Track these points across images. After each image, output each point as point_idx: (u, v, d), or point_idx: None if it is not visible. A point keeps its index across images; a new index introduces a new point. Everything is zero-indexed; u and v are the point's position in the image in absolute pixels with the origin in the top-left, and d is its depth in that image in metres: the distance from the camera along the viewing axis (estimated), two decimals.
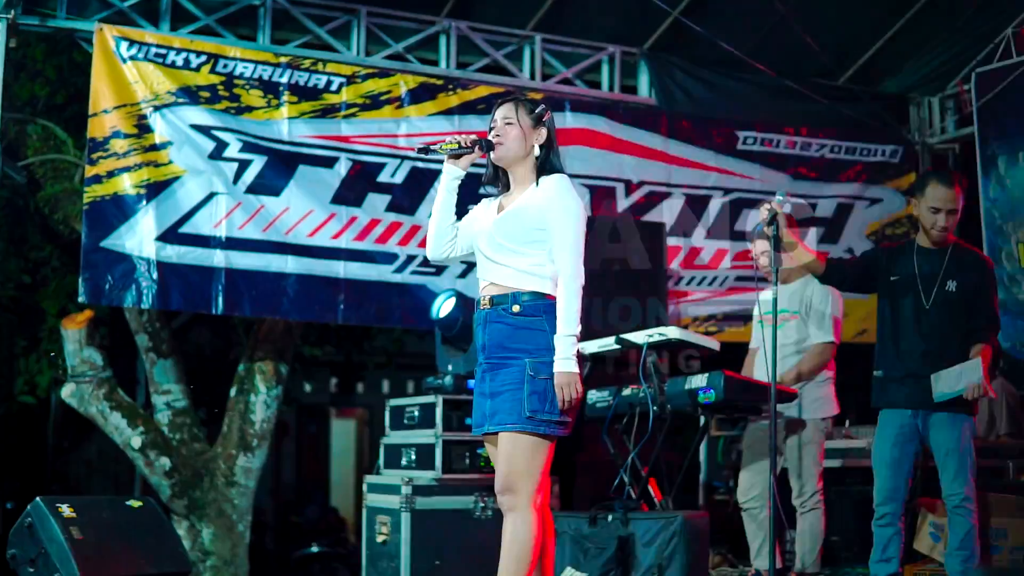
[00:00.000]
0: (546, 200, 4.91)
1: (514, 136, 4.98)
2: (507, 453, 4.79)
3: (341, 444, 20.31)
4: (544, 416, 4.76)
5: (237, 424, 9.47)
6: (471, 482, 7.58)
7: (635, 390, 7.01)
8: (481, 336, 4.93)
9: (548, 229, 4.87)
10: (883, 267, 6.27)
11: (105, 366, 9.17)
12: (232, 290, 8.34)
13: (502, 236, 4.91)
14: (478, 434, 4.98)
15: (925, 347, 6.07)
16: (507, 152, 4.99)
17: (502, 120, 5.01)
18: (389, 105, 8.93)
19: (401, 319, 9.03)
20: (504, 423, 4.78)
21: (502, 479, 4.82)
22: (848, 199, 10.45)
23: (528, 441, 4.77)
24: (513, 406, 4.76)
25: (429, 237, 5.11)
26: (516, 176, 5.05)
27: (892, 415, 6.16)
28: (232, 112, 8.47)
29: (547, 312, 4.83)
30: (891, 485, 6.08)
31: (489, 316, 4.90)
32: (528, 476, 4.78)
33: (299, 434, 19.57)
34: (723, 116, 10.09)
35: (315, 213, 8.63)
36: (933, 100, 10.82)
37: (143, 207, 8.17)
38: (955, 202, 6.06)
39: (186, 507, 9.27)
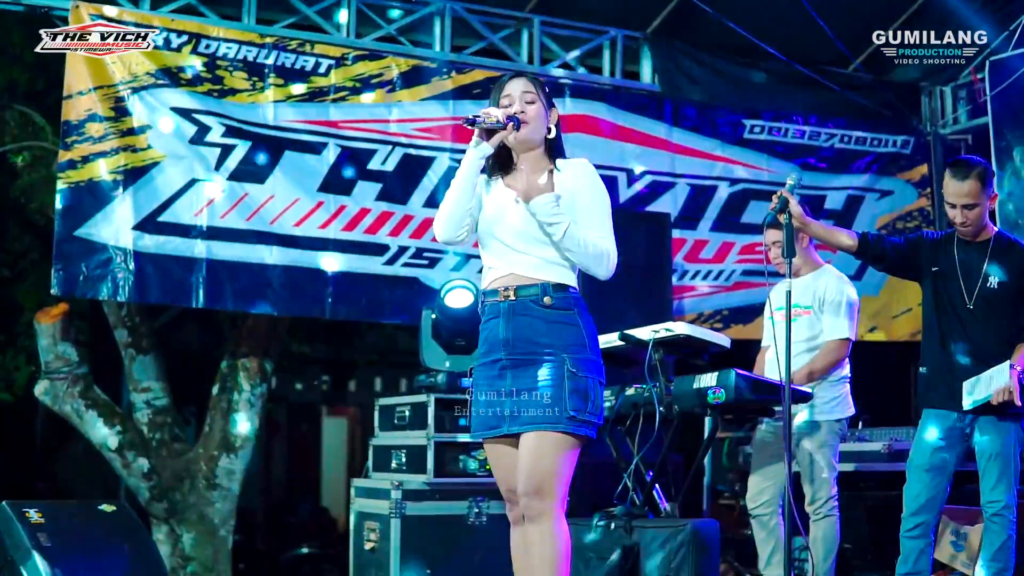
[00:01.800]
0: (578, 186, 4.61)
1: (538, 114, 4.66)
2: (539, 453, 4.44)
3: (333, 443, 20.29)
4: (585, 416, 4.48)
5: (219, 424, 9.19)
6: (465, 487, 7.27)
7: (639, 389, 6.69)
8: (502, 330, 4.57)
9: (580, 216, 4.57)
10: (926, 255, 5.97)
11: (81, 362, 8.86)
12: (213, 282, 8.06)
13: (530, 224, 4.56)
14: (490, 436, 4.64)
15: (970, 346, 5.79)
16: (533, 132, 4.65)
17: (521, 96, 4.65)
18: (380, 89, 8.65)
19: (392, 313, 8.71)
20: (540, 422, 4.45)
21: (533, 481, 4.44)
22: (858, 191, 10.22)
23: (566, 442, 4.47)
24: (553, 405, 4.45)
25: (446, 217, 4.65)
26: (528, 158, 4.70)
27: (937, 416, 5.84)
28: (215, 95, 8.16)
29: (578, 306, 4.59)
30: (930, 494, 5.77)
31: (515, 308, 4.56)
32: (561, 479, 4.47)
33: (290, 433, 19.54)
34: (729, 104, 9.85)
35: (302, 201, 8.35)
36: (945, 89, 10.56)
37: (120, 194, 7.86)
38: (972, 195, 5.75)
39: (166, 511, 8.98)
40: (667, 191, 9.49)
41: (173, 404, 9.34)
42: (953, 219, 5.82)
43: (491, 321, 4.61)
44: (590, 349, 4.55)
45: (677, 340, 6.58)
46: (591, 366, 4.53)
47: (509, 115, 4.58)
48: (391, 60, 8.72)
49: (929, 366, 5.91)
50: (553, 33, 9.39)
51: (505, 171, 4.73)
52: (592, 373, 4.53)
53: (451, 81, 8.85)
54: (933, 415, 5.85)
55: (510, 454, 4.57)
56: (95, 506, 6.76)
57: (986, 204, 5.80)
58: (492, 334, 4.60)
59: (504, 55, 9.23)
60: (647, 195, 9.40)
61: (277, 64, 8.34)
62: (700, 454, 6.97)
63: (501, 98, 4.66)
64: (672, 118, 9.60)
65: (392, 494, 7.11)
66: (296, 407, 19.08)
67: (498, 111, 4.59)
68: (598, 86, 9.47)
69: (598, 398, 4.54)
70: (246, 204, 8.18)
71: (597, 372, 4.56)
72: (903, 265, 6.07)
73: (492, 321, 4.60)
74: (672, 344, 6.62)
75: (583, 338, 4.53)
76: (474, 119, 4.53)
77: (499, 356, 4.57)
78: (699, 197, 9.63)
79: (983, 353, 5.73)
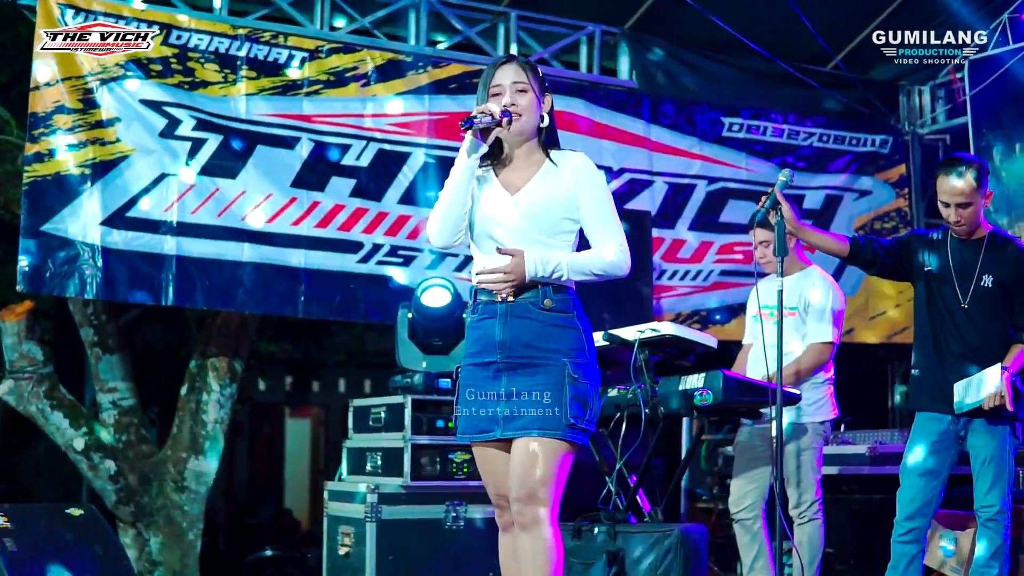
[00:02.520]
0: (578, 182, 4.42)
1: (530, 104, 4.43)
2: (534, 458, 4.28)
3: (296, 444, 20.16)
4: (584, 424, 4.34)
5: (188, 425, 8.98)
6: (442, 490, 7.13)
7: (623, 391, 6.54)
8: (498, 331, 4.39)
9: (583, 214, 4.42)
10: (918, 255, 5.83)
11: (46, 361, 8.62)
12: (184, 280, 7.89)
13: (530, 224, 4.39)
14: (479, 440, 4.46)
15: (964, 348, 5.66)
16: (526, 124, 4.45)
17: (512, 86, 4.43)
18: (355, 83, 8.50)
19: (366, 312, 8.55)
20: (538, 428, 4.29)
21: (527, 487, 4.27)
22: (837, 191, 10.17)
23: (561, 448, 4.31)
24: (551, 409, 4.30)
25: (440, 222, 4.46)
26: (521, 151, 4.51)
27: (930, 420, 5.72)
28: (185, 87, 7.99)
29: (578, 309, 4.44)
30: (924, 498, 5.64)
31: (513, 310, 4.38)
32: (554, 486, 4.30)
33: (252, 433, 19.42)
34: (708, 101, 9.75)
35: (274, 197, 8.19)
36: (924, 88, 10.51)
37: (88, 188, 7.68)
38: (966, 194, 5.61)
39: (132, 514, 8.76)
40: (645, 189, 9.39)
41: (140, 405, 9.15)
42: (947, 218, 5.69)
43: (485, 321, 4.43)
44: (588, 353, 4.41)
45: (663, 340, 6.45)
46: (590, 372, 4.39)
47: (504, 109, 4.37)
48: (366, 53, 8.57)
49: (921, 368, 5.79)
50: (530, 28, 9.26)
51: (497, 161, 4.55)
52: (591, 379, 4.39)
53: (427, 75, 8.72)
54: (926, 418, 5.73)
55: (501, 458, 4.41)
56: (62, 509, 6.59)
57: (981, 203, 5.67)
58: (486, 335, 4.42)
59: (480, 49, 9.10)
60: (625, 193, 9.25)
61: (250, 56, 8.18)
62: (685, 457, 6.86)
63: (491, 87, 4.46)
64: (650, 115, 9.50)
65: (367, 498, 6.97)
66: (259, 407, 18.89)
67: (493, 106, 4.38)
68: (575, 82, 9.34)
69: (596, 405, 4.40)
70: (217, 199, 8.01)
71: (595, 378, 4.42)
72: (895, 267, 5.94)
73: (487, 321, 4.42)
74: (657, 344, 6.49)
75: (583, 342, 4.39)
76: (471, 121, 4.33)
77: (494, 358, 4.39)
78: (677, 196, 9.53)
79: (977, 354, 5.61)
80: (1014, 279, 5.64)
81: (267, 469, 19.74)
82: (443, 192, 4.46)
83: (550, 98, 4.52)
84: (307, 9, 8.57)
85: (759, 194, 9.39)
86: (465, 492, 7.04)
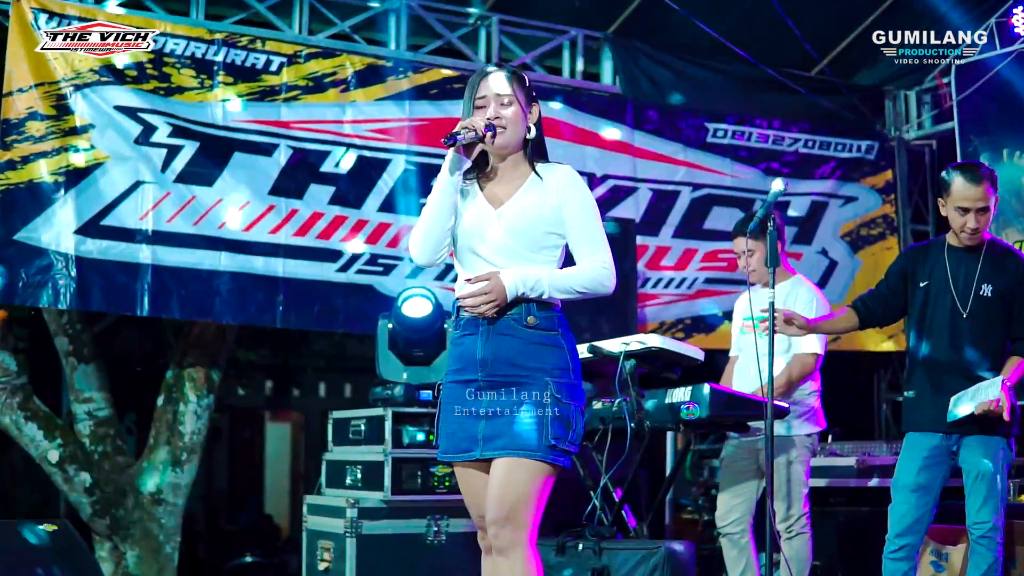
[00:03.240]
0: (563, 196, 4.26)
1: (515, 117, 4.27)
2: (513, 481, 4.12)
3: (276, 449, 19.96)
4: (565, 445, 4.16)
5: (165, 436, 8.82)
6: (423, 504, 7.01)
7: (607, 404, 6.41)
8: (480, 348, 4.24)
9: (568, 229, 4.27)
10: (913, 275, 5.69)
11: (20, 372, 8.44)
12: (159, 289, 7.79)
13: (514, 239, 4.24)
14: (460, 460, 4.31)
15: (960, 361, 5.51)
16: (510, 138, 4.29)
17: (496, 98, 4.28)
18: (334, 88, 8.40)
19: (345, 322, 8.45)
20: (517, 448, 4.13)
21: (504, 509, 4.11)
22: (822, 197, 10.10)
23: (541, 470, 4.14)
24: (532, 430, 4.13)
25: (423, 240, 4.31)
26: (506, 164, 4.35)
27: (920, 438, 5.59)
28: (161, 93, 7.88)
29: (563, 326, 4.27)
30: (915, 515, 5.50)
31: (496, 327, 4.23)
32: (532, 509, 4.13)
33: (232, 439, 19.19)
34: (692, 107, 9.69)
35: (252, 205, 8.08)
36: (910, 93, 10.47)
37: (61, 197, 7.57)
38: (985, 199, 5.48)
39: (108, 527, 8.59)
40: (628, 196, 9.31)
41: (116, 415, 8.98)
42: (964, 224, 5.50)
43: (467, 338, 4.29)
44: (573, 373, 4.26)
45: (649, 353, 6.35)
46: (574, 392, 4.24)
47: (488, 123, 4.22)
48: (345, 58, 8.46)
49: (917, 389, 5.63)
50: (512, 32, 9.20)
51: (481, 174, 4.40)
52: (575, 400, 4.24)
53: (408, 81, 8.61)
54: (917, 437, 5.60)
55: (482, 479, 4.26)
56: (35, 526, 6.42)
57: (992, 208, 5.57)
58: (468, 352, 4.28)
59: (462, 54, 9.01)
60: (608, 200, 9.17)
61: (227, 61, 8.07)
62: (671, 472, 6.75)
63: (476, 98, 4.31)
64: (634, 121, 9.42)
65: (347, 512, 6.86)
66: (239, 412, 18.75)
67: (478, 121, 4.22)
68: (558, 87, 9.27)
69: (579, 426, 4.23)
70: (193, 208, 7.91)
71: (579, 399, 4.27)
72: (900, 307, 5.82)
73: (468, 338, 4.28)
74: (643, 357, 6.39)
75: (567, 361, 4.24)
76: (454, 137, 4.17)
77: (474, 376, 4.25)
78: (661, 203, 9.44)
79: (974, 367, 5.49)
80: (1013, 288, 5.52)
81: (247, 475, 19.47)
82: (425, 208, 4.32)
83: (538, 108, 4.37)
84: (285, 13, 8.46)
85: (744, 201, 9.44)
86: (447, 506, 6.93)
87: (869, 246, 10.14)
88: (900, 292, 5.75)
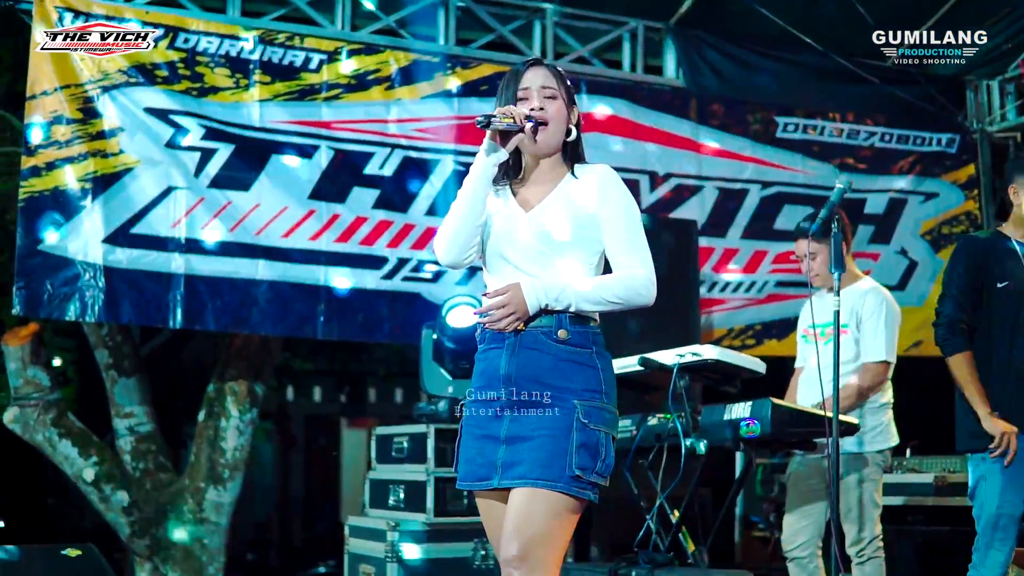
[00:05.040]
0: (601, 197, 3.94)
1: (559, 113, 3.98)
2: (531, 514, 3.73)
3: (353, 456, 19.79)
4: (592, 477, 3.76)
5: (206, 453, 8.60)
6: (468, 527, 6.67)
7: (663, 419, 6.07)
8: (504, 364, 3.88)
9: (604, 232, 3.94)
10: (991, 273, 5.18)
11: (53, 387, 8.29)
12: (193, 300, 7.55)
13: (544, 242, 3.90)
14: (478, 489, 3.93)
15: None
16: (552, 136, 3.98)
17: (540, 92, 3.97)
18: (377, 86, 8.15)
19: (391, 333, 8.17)
20: (535, 478, 3.75)
21: (519, 547, 3.70)
22: (901, 194, 9.72)
23: (563, 504, 3.75)
24: (553, 458, 3.75)
25: (450, 238, 3.98)
26: (543, 164, 4.03)
27: None
28: (194, 94, 7.66)
29: (596, 344, 3.91)
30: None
31: (522, 341, 3.87)
32: (555, 549, 3.75)
33: (308, 446, 19.10)
34: (760, 100, 9.37)
35: (290, 210, 7.84)
36: (992, 83, 10.03)
37: (89, 204, 7.36)
38: None
39: (148, 548, 8.39)
40: (693, 195, 9.03)
41: (159, 430, 8.78)
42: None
43: (492, 351, 3.92)
44: (605, 396, 3.85)
45: (705, 365, 5.92)
46: (605, 417, 3.83)
47: (528, 115, 3.91)
48: (389, 54, 8.21)
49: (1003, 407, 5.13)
50: (568, 24, 8.93)
51: (515, 179, 4.08)
52: (605, 426, 3.83)
53: (455, 77, 8.36)
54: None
55: (503, 511, 3.86)
56: (59, 551, 6.37)
57: None
58: (491, 367, 3.91)
59: (514, 48, 8.75)
60: (672, 200, 8.92)
61: (263, 59, 7.85)
62: (732, 493, 6.31)
63: (517, 90, 4.00)
64: (698, 116, 9.14)
65: (388, 535, 6.60)
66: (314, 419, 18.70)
67: (517, 109, 3.91)
68: (617, 81, 8.99)
69: (608, 456, 3.81)
70: (229, 214, 7.68)
71: (611, 425, 3.86)
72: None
73: (493, 352, 3.92)
74: (699, 369, 5.98)
75: (600, 383, 3.85)
76: (489, 119, 3.85)
77: (497, 394, 3.88)
78: (728, 202, 9.15)
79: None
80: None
81: (323, 482, 19.48)
82: (455, 203, 4.00)
83: (577, 110, 4.07)
84: (327, 9, 8.22)
85: (817, 199, 9.06)
86: None
87: (952, 245, 9.66)
88: (976, 297, 5.23)
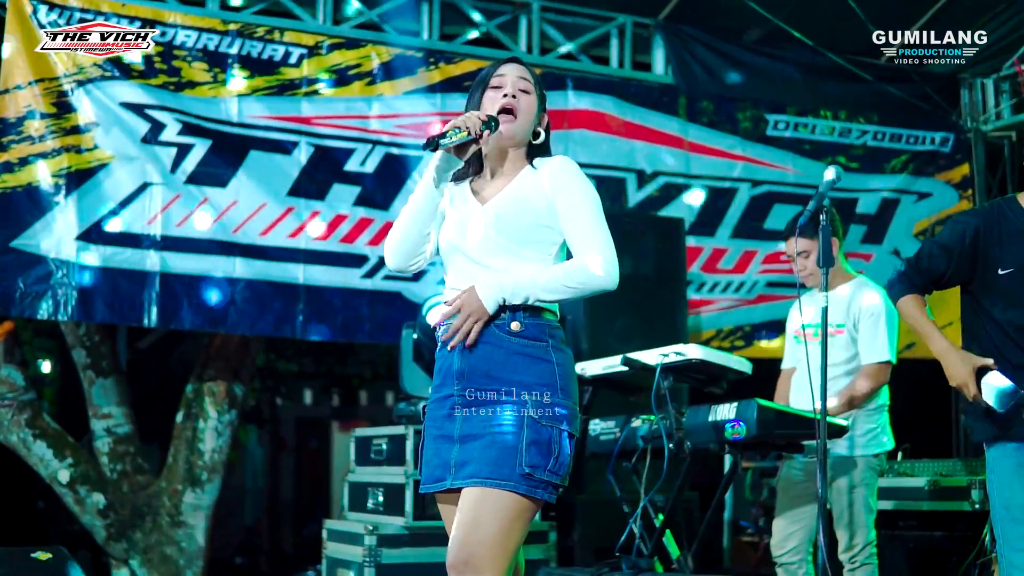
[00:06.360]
0: (556, 185, 3.81)
1: (529, 108, 3.90)
2: (477, 516, 3.56)
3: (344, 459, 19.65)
4: (544, 475, 3.61)
5: (184, 455, 8.47)
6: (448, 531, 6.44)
7: (647, 420, 5.94)
8: (456, 360, 3.75)
9: (562, 221, 3.81)
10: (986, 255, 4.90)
11: (27, 387, 8.15)
12: (169, 299, 7.47)
13: (500, 232, 3.77)
14: (435, 491, 3.77)
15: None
16: (521, 128, 3.88)
17: (515, 84, 3.89)
18: (359, 81, 8.09)
19: (372, 333, 8.08)
20: (484, 477, 3.59)
21: (464, 551, 3.55)
22: (894, 193, 9.68)
23: (513, 505, 3.58)
24: (502, 456, 3.60)
25: (397, 242, 3.91)
26: (505, 159, 3.92)
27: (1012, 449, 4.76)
28: (171, 88, 7.59)
29: (553, 337, 3.78)
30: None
31: None
32: (503, 552, 3.56)
33: (298, 449, 19.10)
34: (750, 97, 9.33)
35: (269, 207, 7.76)
36: (987, 81, 9.99)
37: (62, 200, 7.30)
38: None
39: (125, 551, 8.25)
40: (681, 194, 9.00)
41: (139, 432, 8.64)
42: None
43: (446, 349, 3.80)
44: (561, 392, 3.70)
45: (689, 365, 5.83)
46: (559, 413, 3.67)
47: (487, 118, 3.78)
48: (371, 49, 8.15)
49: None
50: (555, 20, 8.91)
51: (475, 172, 3.97)
52: (559, 423, 3.67)
53: (438, 72, 8.31)
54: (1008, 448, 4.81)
55: (451, 514, 3.75)
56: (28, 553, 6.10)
57: None
58: (446, 364, 3.79)
59: (499, 44, 8.67)
60: (659, 198, 8.88)
61: (242, 54, 7.80)
62: (717, 497, 6.16)
63: (493, 77, 3.91)
64: (687, 113, 9.09)
65: (365, 539, 6.41)
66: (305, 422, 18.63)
67: (472, 117, 3.77)
68: (605, 78, 8.94)
69: (563, 454, 3.65)
70: (205, 211, 7.61)
71: (566, 422, 3.70)
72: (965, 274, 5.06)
73: (446, 349, 3.80)
74: (684, 370, 5.89)
75: (554, 377, 3.69)
76: (437, 141, 3.73)
77: (451, 392, 3.75)
78: (717, 201, 9.11)
79: None
80: None
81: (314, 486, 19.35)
82: (405, 208, 3.92)
83: (546, 117, 3.98)
84: (308, 3, 8.14)
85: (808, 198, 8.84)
86: None
87: None
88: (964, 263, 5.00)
